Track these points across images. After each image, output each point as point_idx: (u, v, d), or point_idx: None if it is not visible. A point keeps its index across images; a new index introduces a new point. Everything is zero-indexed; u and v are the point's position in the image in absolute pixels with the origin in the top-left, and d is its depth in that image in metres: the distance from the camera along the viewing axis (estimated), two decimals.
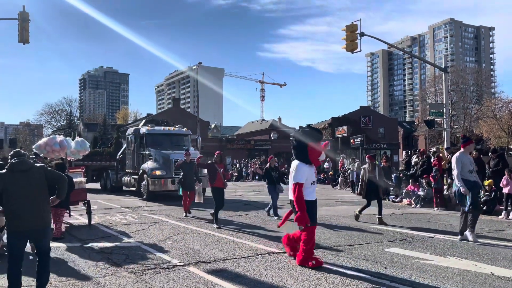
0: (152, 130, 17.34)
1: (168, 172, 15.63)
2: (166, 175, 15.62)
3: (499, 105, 52.15)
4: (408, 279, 5.54)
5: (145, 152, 16.71)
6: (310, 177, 6.28)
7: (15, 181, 4.64)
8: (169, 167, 15.61)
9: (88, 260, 6.68)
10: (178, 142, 17.62)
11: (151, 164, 15.97)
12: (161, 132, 17.54)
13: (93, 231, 9.38)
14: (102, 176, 21.14)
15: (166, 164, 15.74)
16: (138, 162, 17.05)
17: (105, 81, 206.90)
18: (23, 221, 4.58)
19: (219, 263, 6.41)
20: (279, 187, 11.45)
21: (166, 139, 17.37)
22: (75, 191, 10.12)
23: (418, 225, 10.20)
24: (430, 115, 20.11)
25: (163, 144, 16.86)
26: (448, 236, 8.68)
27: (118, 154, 19.47)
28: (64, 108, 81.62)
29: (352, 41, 17.83)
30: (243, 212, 12.56)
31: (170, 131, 17.87)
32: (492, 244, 7.88)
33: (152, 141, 16.85)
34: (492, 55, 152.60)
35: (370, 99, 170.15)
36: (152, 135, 17.13)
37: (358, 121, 51.04)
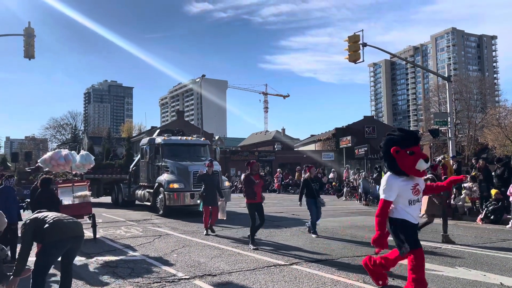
0: (169, 140, 16.21)
1: (186, 185, 14.42)
2: (185, 189, 14.40)
3: (503, 113, 51.97)
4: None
5: (161, 164, 15.58)
6: (405, 193, 4.99)
7: None
8: (187, 180, 14.46)
9: (93, 274, 6.66)
10: (196, 152, 16.46)
11: (167, 177, 14.81)
12: (178, 142, 16.39)
13: (98, 244, 9.35)
14: (113, 190, 20.14)
15: (185, 177, 14.58)
16: (153, 175, 16.00)
17: (110, 95, 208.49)
18: None
19: (224, 276, 6.36)
20: (320, 200, 10.19)
21: (184, 149, 16.21)
22: (80, 204, 10.15)
23: (425, 235, 10.08)
24: (435, 124, 20.07)
25: (180, 155, 15.72)
26: (456, 247, 8.58)
27: (130, 166, 18.42)
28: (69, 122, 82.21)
29: (355, 52, 17.92)
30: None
31: (188, 141, 16.66)
32: (501, 254, 7.78)
33: (168, 152, 15.74)
34: (495, 63, 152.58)
35: (374, 109, 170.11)
36: (168, 145, 15.97)
37: (362, 131, 50.98)
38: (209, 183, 10.77)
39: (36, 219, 4.79)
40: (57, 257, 4.81)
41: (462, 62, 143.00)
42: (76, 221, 5.01)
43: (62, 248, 4.74)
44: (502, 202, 11.98)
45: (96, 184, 19.80)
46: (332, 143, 51.04)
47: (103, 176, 19.42)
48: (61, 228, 4.71)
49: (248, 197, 8.74)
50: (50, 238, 4.62)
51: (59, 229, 4.69)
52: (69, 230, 4.79)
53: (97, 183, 19.94)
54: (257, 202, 8.77)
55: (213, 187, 10.77)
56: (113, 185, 19.94)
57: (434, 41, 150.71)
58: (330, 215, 14.93)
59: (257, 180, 8.82)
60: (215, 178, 11.03)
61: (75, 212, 10.01)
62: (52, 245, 4.65)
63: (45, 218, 4.78)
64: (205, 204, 10.65)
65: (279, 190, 29.35)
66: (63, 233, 4.70)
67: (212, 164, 11.47)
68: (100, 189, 20.37)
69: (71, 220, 4.96)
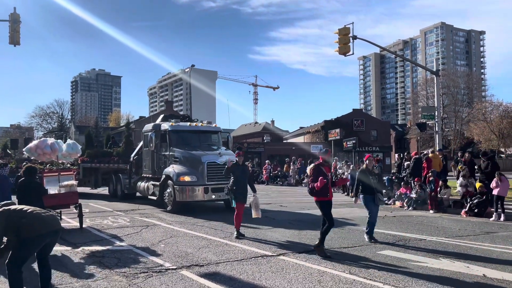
0: (177, 126, 14.36)
1: (200, 178, 12.69)
2: (198, 182, 12.67)
3: (489, 108, 52.80)
4: (401, 281, 5.54)
5: (169, 153, 13.76)
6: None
7: None
8: (201, 172, 12.75)
9: (79, 264, 6.61)
10: (207, 140, 14.64)
11: (177, 168, 13.05)
12: (188, 129, 14.59)
13: (84, 234, 9.28)
14: (111, 181, 18.03)
15: (197, 168, 12.84)
16: (159, 165, 14.18)
17: (97, 84, 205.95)
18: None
19: (212, 266, 6.37)
20: (379, 197, 8.52)
21: (194, 137, 14.43)
22: (66, 194, 10.04)
23: (411, 228, 10.24)
24: (422, 118, 20.27)
25: (190, 143, 13.97)
26: (440, 238, 8.73)
27: (131, 155, 16.54)
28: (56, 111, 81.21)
29: (345, 44, 17.92)
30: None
31: (199, 127, 14.85)
32: (484, 247, 7.93)
33: (176, 140, 13.93)
34: (483, 58, 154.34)
35: (363, 102, 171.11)
36: (177, 132, 14.14)
37: (350, 124, 51.33)
38: (240, 176, 9.13)
39: (8, 213, 4.57)
40: (35, 252, 4.74)
41: (450, 57, 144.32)
42: (53, 215, 4.96)
43: (41, 243, 4.69)
44: (486, 195, 12.19)
45: (94, 175, 18.56)
46: (321, 135, 51.33)
47: (101, 165, 17.93)
48: (40, 223, 4.63)
49: (319, 194, 7.17)
50: (28, 234, 4.53)
51: (38, 224, 4.60)
52: (48, 225, 4.71)
53: (95, 173, 18.58)
54: (329, 200, 7.30)
55: (244, 181, 9.18)
56: (111, 175, 18.05)
57: (424, 35, 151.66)
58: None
59: (328, 173, 7.31)
60: (246, 170, 9.57)
61: (61, 201, 9.95)
62: (31, 240, 4.57)
63: (20, 212, 4.63)
64: (237, 200, 9.03)
65: (267, 182, 29.44)
66: (42, 228, 4.62)
67: (242, 153, 9.79)
68: (98, 179, 18.70)
69: (49, 214, 4.89)
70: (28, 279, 5.18)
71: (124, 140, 18.33)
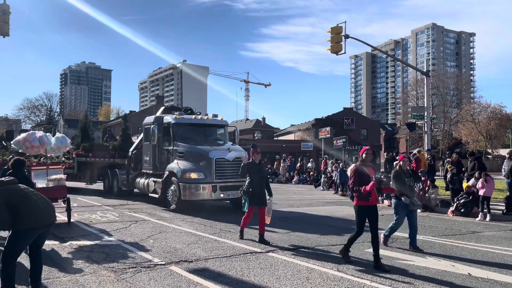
0: (181, 119, 13.51)
1: (207, 176, 11.86)
2: (205, 180, 11.82)
3: (477, 110, 53.36)
4: (388, 279, 5.61)
5: (172, 148, 12.92)
6: None
7: None
8: (208, 169, 11.91)
9: (66, 259, 6.57)
10: (212, 135, 13.94)
11: (182, 164, 12.23)
12: (193, 122, 13.69)
13: (72, 229, 9.21)
14: (107, 177, 17.05)
15: (205, 165, 12.00)
16: (161, 161, 13.34)
17: (87, 77, 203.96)
18: None
19: (201, 262, 6.38)
20: (415, 201, 7.66)
21: (199, 131, 13.66)
22: (55, 187, 9.95)
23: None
24: (412, 118, 20.44)
25: (195, 137, 13.20)
26: (427, 237, 8.84)
27: (130, 149, 15.59)
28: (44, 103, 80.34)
29: (337, 43, 17.97)
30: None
31: (204, 121, 13.93)
32: (470, 246, 8.06)
33: (181, 134, 13.10)
34: (472, 60, 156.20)
35: (353, 101, 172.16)
36: (181, 125, 13.32)
37: (341, 122, 51.58)
38: (258, 176, 8.13)
39: (9, 191, 4.53)
40: (28, 243, 4.71)
41: (441, 58, 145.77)
42: (51, 205, 4.90)
43: (35, 235, 4.65)
44: (473, 195, 12.36)
45: (89, 169, 17.58)
46: (312, 133, 51.50)
47: (96, 159, 16.94)
48: (37, 215, 4.57)
49: (359, 197, 6.38)
50: (24, 226, 4.49)
51: (35, 216, 4.55)
52: (45, 217, 4.67)
53: (90, 168, 17.57)
54: (371, 204, 6.41)
55: (262, 181, 8.19)
56: (106, 170, 17.05)
57: (415, 36, 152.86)
58: (307, 204, 15.13)
59: (371, 174, 6.43)
60: (263, 170, 8.54)
61: (49, 195, 9.73)
62: (25, 232, 4.54)
63: (22, 196, 4.57)
64: (252, 203, 8.09)
65: None
66: (38, 221, 4.58)
67: (259, 150, 8.71)
68: (94, 174, 17.76)
69: (47, 204, 4.81)
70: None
71: (121, 134, 17.32)
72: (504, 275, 5.95)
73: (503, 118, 51.50)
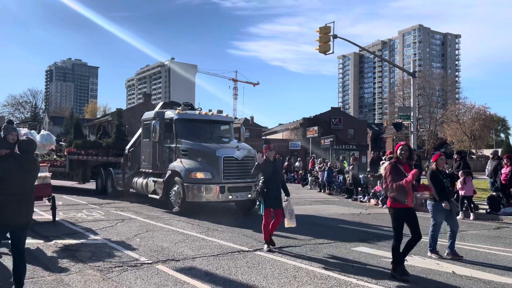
0: (185, 114, 12.58)
1: (215, 176, 11.00)
2: (213, 180, 10.96)
3: (462, 110, 54.21)
4: (374, 277, 5.67)
5: (175, 145, 12.02)
6: None
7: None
8: (216, 168, 11.05)
9: (51, 258, 6.48)
10: (217, 132, 13.20)
11: (187, 163, 11.37)
12: (197, 118, 12.83)
13: (57, 227, 9.08)
14: (100, 175, 16.26)
15: (212, 164, 11.12)
16: (162, 159, 12.47)
17: (73, 74, 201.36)
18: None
19: (188, 261, 6.36)
20: (454, 204, 7.24)
21: (204, 127, 12.81)
22: (39, 186, 9.78)
23: (385, 225, 10.44)
24: (398, 118, 20.67)
25: (199, 134, 12.41)
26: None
27: (127, 147, 14.66)
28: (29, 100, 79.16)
29: (325, 43, 18.06)
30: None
31: (210, 117, 13.03)
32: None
33: (184, 130, 12.27)
34: (458, 61, 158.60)
35: (341, 101, 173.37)
36: (185, 121, 12.47)
37: (328, 122, 51.88)
38: (272, 175, 7.44)
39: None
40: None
41: (427, 59, 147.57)
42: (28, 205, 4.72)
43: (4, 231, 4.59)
44: (457, 195, 12.55)
45: (82, 168, 16.98)
46: (300, 132, 51.69)
47: (89, 158, 16.18)
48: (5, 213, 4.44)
49: (395, 199, 5.73)
50: None
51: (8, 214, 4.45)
52: (15, 218, 4.53)
53: (83, 166, 16.96)
54: (408, 207, 5.79)
55: (277, 181, 7.51)
56: (99, 169, 16.24)
57: (402, 37, 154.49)
58: (294, 203, 15.12)
59: (408, 172, 5.69)
60: (278, 168, 7.89)
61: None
62: None
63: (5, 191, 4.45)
64: (268, 205, 7.38)
65: None
66: (4, 219, 4.47)
67: (273, 147, 7.92)
68: (87, 173, 17.09)
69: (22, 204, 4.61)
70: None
71: (115, 130, 16.50)
72: (487, 273, 6.06)
73: (487, 119, 52.48)
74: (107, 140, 16.41)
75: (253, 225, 9.93)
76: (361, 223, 10.64)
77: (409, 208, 5.80)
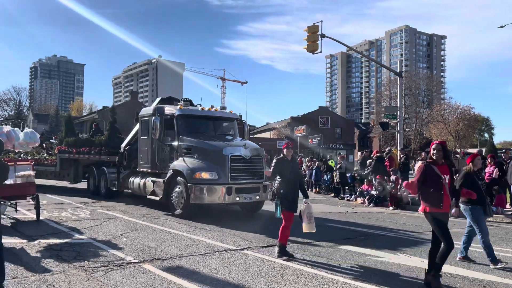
0: (187, 110, 11.96)
1: (222, 176, 10.27)
2: (219, 180, 10.22)
3: (447, 110, 55.06)
4: (360, 275, 5.70)
5: (177, 143, 11.28)
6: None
7: None
8: (222, 168, 10.33)
9: (35, 258, 6.36)
10: (220, 129, 12.48)
11: (190, 162, 10.63)
12: (200, 114, 12.11)
13: (41, 227, 8.94)
14: (92, 175, 15.56)
15: (218, 163, 10.39)
16: (163, 158, 11.76)
17: (59, 71, 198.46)
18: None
19: (175, 260, 6.31)
20: (490, 208, 6.93)
21: (207, 124, 12.17)
22: (23, 184, 9.64)
23: (371, 224, 10.55)
24: (385, 118, 20.85)
25: (203, 131, 11.80)
26: (398, 234, 9.04)
27: (122, 145, 13.86)
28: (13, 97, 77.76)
29: (314, 42, 18.10)
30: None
31: (213, 113, 12.31)
32: None
33: (186, 127, 11.56)
34: (443, 62, 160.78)
35: (329, 100, 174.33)
36: (187, 117, 11.75)
37: (316, 121, 52.16)
38: (290, 176, 6.85)
39: None
40: None
41: (413, 59, 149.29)
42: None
43: None
44: None
45: (74, 167, 16.41)
46: (287, 131, 51.82)
47: (80, 156, 15.59)
48: None
49: (430, 202, 5.27)
50: None
51: None
52: None
53: (75, 165, 16.39)
54: (443, 212, 5.28)
55: (295, 182, 6.93)
56: (92, 168, 15.54)
57: (389, 37, 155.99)
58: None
59: (444, 174, 5.25)
60: (296, 167, 7.26)
61: (17, 192, 9.53)
62: None
63: None
64: (286, 207, 6.80)
65: None
66: None
67: (292, 145, 7.38)
68: (79, 173, 16.51)
69: None
70: None
71: (108, 128, 15.72)
72: (471, 271, 6.15)
73: (471, 119, 53.39)
74: (99, 138, 15.67)
75: (238, 226, 9.92)
76: (348, 222, 10.71)
77: (445, 213, 5.31)
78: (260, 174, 10.73)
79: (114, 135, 15.26)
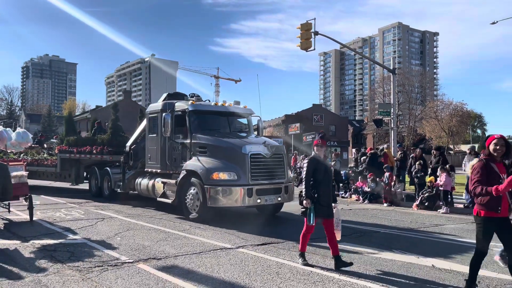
0: (199, 105, 11.11)
1: (241, 176, 9.45)
2: (239, 181, 9.41)
3: (440, 107, 55.34)
4: (355, 272, 5.72)
5: (190, 141, 10.42)
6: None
7: None
8: (242, 168, 9.49)
9: (28, 259, 6.31)
10: (234, 126, 11.64)
11: (206, 162, 9.80)
12: (215, 110, 11.33)
13: (35, 227, 8.87)
14: (94, 176, 14.76)
15: (236, 162, 9.59)
16: (174, 157, 10.94)
17: (51, 70, 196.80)
18: None
19: (170, 259, 6.29)
20: None
21: (222, 121, 11.35)
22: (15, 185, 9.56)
23: (366, 220, 10.58)
24: (379, 115, 20.93)
25: (216, 128, 11.04)
26: (393, 231, 9.08)
27: (128, 144, 13.15)
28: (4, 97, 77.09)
29: (307, 40, 18.10)
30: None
31: (228, 108, 11.50)
32: (433, 238, 8.34)
33: (199, 124, 10.75)
34: (436, 59, 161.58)
35: (322, 97, 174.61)
36: (200, 113, 10.93)
37: (310, 118, 52.26)
38: (324, 178, 6.15)
39: None
40: None
41: (406, 56, 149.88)
42: None
43: None
44: (437, 189, 12.80)
45: (75, 167, 15.80)
46: (282, 129, 51.86)
47: (81, 156, 14.92)
48: None
49: (485, 206, 4.56)
50: None
51: None
52: None
53: (76, 166, 15.77)
54: (502, 216, 4.55)
55: (329, 184, 6.28)
56: (94, 169, 14.76)
57: (382, 34, 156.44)
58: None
59: (502, 173, 4.56)
60: (329, 168, 6.58)
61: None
62: None
63: None
64: (319, 214, 6.08)
65: None
66: None
67: (324, 142, 6.77)
68: (80, 173, 15.93)
69: None
70: None
71: (111, 126, 14.99)
72: (466, 266, 6.15)
73: (464, 115, 53.72)
74: (101, 137, 14.82)
75: (234, 224, 9.91)
76: (343, 219, 10.71)
77: (503, 218, 4.56)
78: (282, 174, 10.05)
79: (117, 134, 14.63)
